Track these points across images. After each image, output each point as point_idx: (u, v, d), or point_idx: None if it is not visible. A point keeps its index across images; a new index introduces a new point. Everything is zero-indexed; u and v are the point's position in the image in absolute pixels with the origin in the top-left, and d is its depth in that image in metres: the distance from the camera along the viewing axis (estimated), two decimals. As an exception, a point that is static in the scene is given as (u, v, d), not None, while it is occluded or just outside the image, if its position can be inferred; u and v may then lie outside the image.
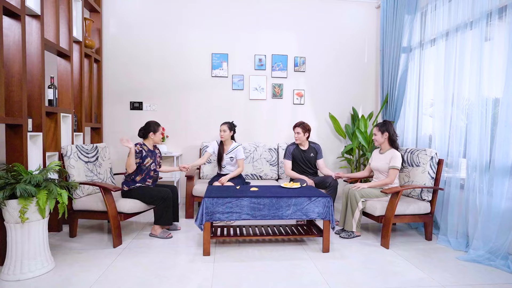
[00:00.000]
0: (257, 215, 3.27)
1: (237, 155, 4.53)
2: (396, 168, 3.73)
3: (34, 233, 2.73)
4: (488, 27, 3.41)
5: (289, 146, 4.62)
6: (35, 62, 3.48)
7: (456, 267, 3.04)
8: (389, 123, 3.92)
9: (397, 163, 3.74)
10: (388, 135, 3.89)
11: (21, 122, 3.13)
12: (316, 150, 4.65)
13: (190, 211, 4.50)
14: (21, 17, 3.15)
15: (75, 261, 3.06)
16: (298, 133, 4.49)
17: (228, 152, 4.53)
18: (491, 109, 3.35)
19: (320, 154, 4.66)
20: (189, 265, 3.01)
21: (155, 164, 3.89)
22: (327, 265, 3.05)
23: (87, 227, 4.09)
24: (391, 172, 3.75)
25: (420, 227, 4.15)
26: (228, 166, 4.55)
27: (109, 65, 5.23)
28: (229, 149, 4.53)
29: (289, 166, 4.53)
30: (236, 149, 4.53)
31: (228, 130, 4.48)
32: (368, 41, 5.71)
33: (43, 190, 2.72)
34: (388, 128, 3.89)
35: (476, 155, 3.42)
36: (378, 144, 3.98)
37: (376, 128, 3.98)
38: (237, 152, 4.53)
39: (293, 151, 4.56)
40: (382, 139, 3.91)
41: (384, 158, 3.88)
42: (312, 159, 4.59)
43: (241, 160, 4.54)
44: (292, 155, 4.55)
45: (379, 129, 3.93)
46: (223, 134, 4.46)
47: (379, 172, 3.93)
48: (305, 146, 4.61)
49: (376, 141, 3.96)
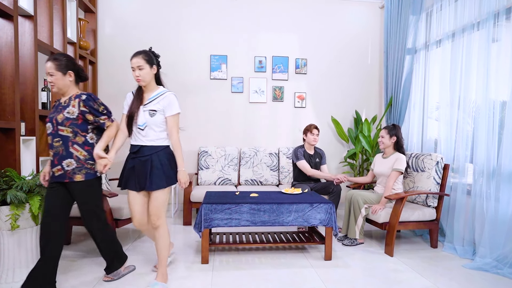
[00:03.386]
0: (257, 221, 3.28)
1: (164, 107, 2.69)
2: (399, 171, 3.75)
3: (27, 240, 2.74)
4: (495, 28, 3.43)
5: (297, 149, 4.60)
6: (28, 64, 3.51)
7: (462, 276, 3.05)
8: (398, 128, 3.98)
9: (401, 165, 3.77)
10: (396, 139, 3.92)
11: (13, 126, 3.16)
12: (321, 155, 4.71)
13: (188, 218, 4.51)
14: (13, 17, 3.19)
15: (69, 269, 3.08)
16: (318, 136, 4.57)
17: (148, 101, 2.70)
18: (498, 113, 3.37)
19: (325, 159, 4.73)
20: (187, 273, 3.03)
21: (52, 128, 2.61)
22: (329, 273, 3.06)
23: (81, 234, 4.10)
24: (392, 174, 3.78)
25: (425, 234, 4.15)
26: (148, 130, 2.67)
27: (104, 67, 5.26)
28: (151, 96, 2.72)
29: (308, 165, 4.50)
30: (162, 97, 2.71)
31: (147, 65, 2.66)
32: (372, 42, 5.75)
33: (36, 196, 2.73)
34: (397, 132, 3.94)
35: (483, 160, 3.43)
36: (383, 147, 4.00)
37: (385, 130, 4.00)
38: (164, 101, 2.70)
39: (304, 154, 4.57)
40: (389, 143, 3.94)
41: (388, 162, 3.91)
42: (318, 164, 4.63)
43: (172, 119, 2.72)
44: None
45: (388, 132, 3.96)
46: (138, 73, 2.64)
47: (384, 178, 3.95)
48: (312, 150, 4.65)
49: (383, 143, 3.99)
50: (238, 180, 5.23)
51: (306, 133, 4.59)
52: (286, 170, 5.23)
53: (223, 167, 5.13)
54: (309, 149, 4.63)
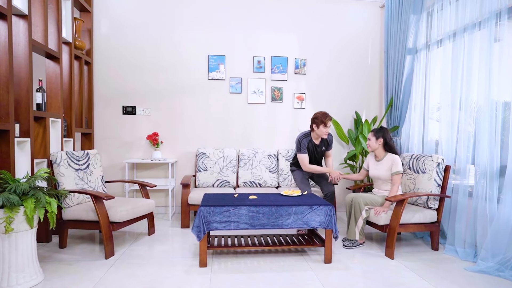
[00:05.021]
0: (256, 224, 3.29)
1: None
2: (400, 173, 3.79)
3: (22, 243, 2.74)
4: (497, 27, 3.44)
5: (302, 140, 4.31)
6: (23, 64, 3.52)
7: (464, 278, 3.07)
8: (386, 130, 4.00)
9: (400, 167, 3.81)
10: (383, 141, 3.96)
11: (8, 127, 3.16)
12: (328, 142, 4.45)
13: (186, 221, 4.51)
14: (7, 17, 3.18)
15: (65, 273, 3.07)
16: (329, 127, 4.24)
17: None
18: (500, 113, 3.38)
19: (331, 145, 4.51)
20: (185, 276, 3.03)
21: None
22: (329, 276, 3.07)
23: (77, 238, 4.10)
24: (395, 178, 3.79)
25: (426, 236, 4.17)
26: None
27: (100, 68, 5.26)
28: None
29: (307, 160, 4.33)
30: None
31: None
32: (372, 42, 5.77)
33: (31, 198, 2.74)
34: (384, 134, 3.97)
35: (485, 161, 3.45)
36: (371, 149, 4.05)
37: (371, 133, 4.04)
38: None
39: (308, 145, 4.34)
40: (376, 145, 3.98)
41: (383, 165, 3.94)
42: (322, 153, 4.47)
43: None
44: (307, 148, 4.35)
45: (374, 135, 4.00)
46: None
47: (381, 181, 3.97)
48: (318, 140, 4.41)
49: (369, 146, 4.04)
50: (237, 182, 5.24)
51: (319, 125, 4.20)
52: (285, 172, 5.23)
53: (221, 169, 5.14)
54: (316, 139, 4.36)
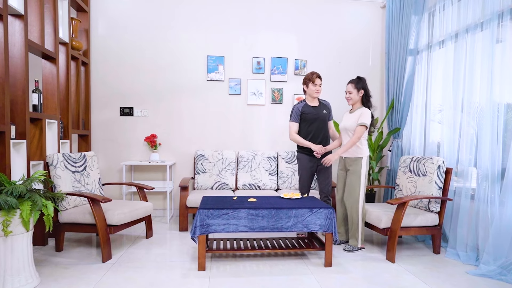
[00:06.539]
0: (255, 227, 3.29)
1: None
2: (365, 125, 3.76)
3: (18, 247, 2.74)
4: (499, 28, 3.46)
5: (296, 106, 4.19)
6: (19, 65, 3.52)
7: (466, 282, 3.07)
8: (364, 80, 3.93)
9: (366, 119, 3.77)
10: (364, 92, 3.91)
11: (3, 129, 3.16)
12: (328, 107, 4.28)
13: (184, 224, 4.52)
14: (3, 16, 3.20)
15: (62, 276, 3.07)
16: (321, 86, 4.10)
17: None
18: (503, 115, 3.39)
19: (331, 113, 4.35)
20: (183, 280, 3.03)
21: None
22: (329, 280, 3.07)
23: (74, 241, 4.11)
24: (358, 129, 3.77)
25: (428, 239, 4.18)
26: None
27: (97, 68, 5.26)
28: None
29: (294, 129, 4.17)
30: None
31: None
32: (373, 43, 5.78)
33: (27, 201, 2.74)
34: (363, 85, 3.91)
35: (487, 164, 3.46)
36: (352, 102, 3.96)
37: (351, 84, 3.93)
38: None
39: (303, 109, 4.14)
40: (358, 97, 3.92)
41: (353, 116, 3.91)
42: (325, 117, 4.19)
43: None
44: (302, 114, 4.13)
45: (355, 86, 3.90)
46: None
47: (347, 133, 3.93)
48: (315, 102, 4.20)
49: (351, 99, 3.94)
50: (236, 185, 5.24)
51: (307, 83, 4.09)
52: (285, 174, 5.24)
53: (220, 171, 5.14)
54: (311, 101, 4.17)
